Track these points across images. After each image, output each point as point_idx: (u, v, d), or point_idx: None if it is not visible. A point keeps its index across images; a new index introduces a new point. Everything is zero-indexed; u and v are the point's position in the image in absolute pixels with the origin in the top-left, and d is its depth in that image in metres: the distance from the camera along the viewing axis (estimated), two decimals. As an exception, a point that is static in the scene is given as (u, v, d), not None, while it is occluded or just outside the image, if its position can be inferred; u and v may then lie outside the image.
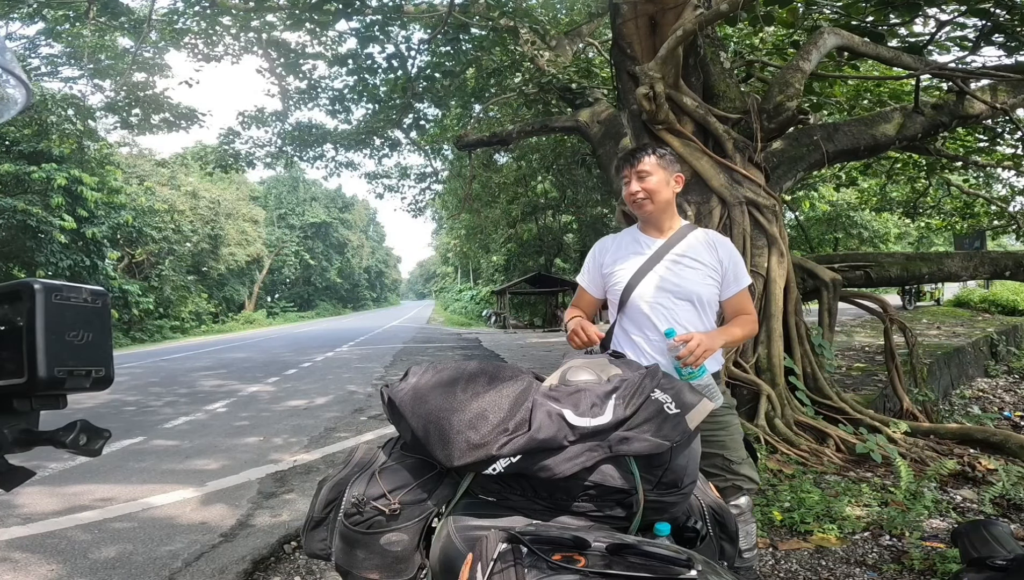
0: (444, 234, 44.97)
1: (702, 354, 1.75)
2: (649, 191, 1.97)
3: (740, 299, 2.03)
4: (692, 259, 1.99)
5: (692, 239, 2.02)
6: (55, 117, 13.53)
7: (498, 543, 0.84)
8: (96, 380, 0.68)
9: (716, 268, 1.99)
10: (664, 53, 3.88)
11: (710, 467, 2.05)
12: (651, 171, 1.97)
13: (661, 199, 1.98)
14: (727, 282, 2.02)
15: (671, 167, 2.00)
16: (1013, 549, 0.92)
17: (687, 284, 1.96)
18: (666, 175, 1.98)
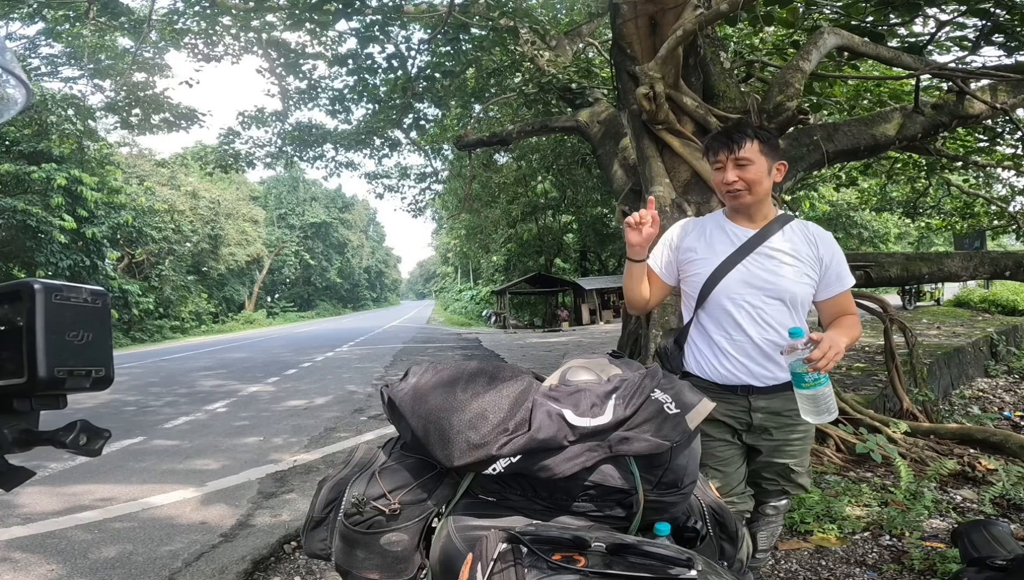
0: (444, 234, 44.98)
1: (834, 357, 1.53)
2: (749, 182, 1.73)
3: (843, 300, 1.82)
4: (788, 254, 1.77)
5: (789, 232, 1.81)
6: (55, 117, 13.53)
7: (498, 543, 0.84)
8: (96, 380, 0.68)
9: (814, 266, 1.79)
10: (664, 53, 3.88)
11: (768, 473, 1.93)
12: (753, 159, 1.72)
13: (761, 190, 1.76)
14: (827, 281, 1.81)
15: (774, 154, 1.77)
16: (1013, 549, 0.92)
17: (781, 281, 1.75)
18: (769, 163, 1.75)
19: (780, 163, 1.78)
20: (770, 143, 1.75)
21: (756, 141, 1.73)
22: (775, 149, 1.77)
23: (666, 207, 4.32)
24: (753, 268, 1.77)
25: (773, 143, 1.76)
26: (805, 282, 1.78)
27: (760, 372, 1.80)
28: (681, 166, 4.55)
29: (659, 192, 4.36)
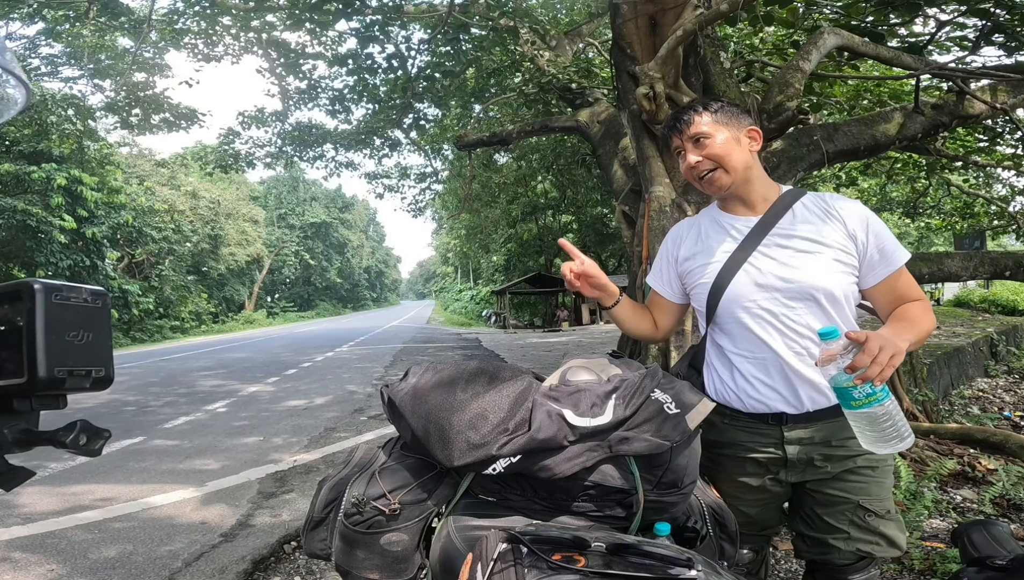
0: (444, 234, 45.01)
1: (889, 361, 1.13)
2: (716, 157, 1.43)
3: (897, 283, 1.40)
4: (806, 238, 1.40)
5: (803, 210, 1.44)
6: (55, 117, 13.53)
7: (498, 543, 0.84)
8: (96, 380, 0.68)
9: (846, 246, 1.39)
10: (664, 53, 3.88)
11: (833, 520, 1.45)
12: (709, 132, 1.43)
13: (736, 164, 1.43)
14: (870, 263, 1.39)
15: (736, 121, 1.46)
16: (1013, 549, 0.92)
17: (803, 275, 1.38)
18: (732, 132, 1.45)
19: (750, 129, 1.47)
20: (724, 110, 1.46)
21: (705, 112, 1.45)
22: (735, 116, 1.47)
23: (666, 207, 4.33)
24: (763, 264, 1.41)
25: (729, 110, 1.47)
26: (837, 271, 1.38)
27: (796, 395, 1.41)
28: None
29: (659, 192, 4.36)
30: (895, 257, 1.40)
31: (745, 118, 1.49)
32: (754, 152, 1.48)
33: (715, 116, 1.46)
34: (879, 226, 1.42)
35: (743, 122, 1.48)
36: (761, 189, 1.49)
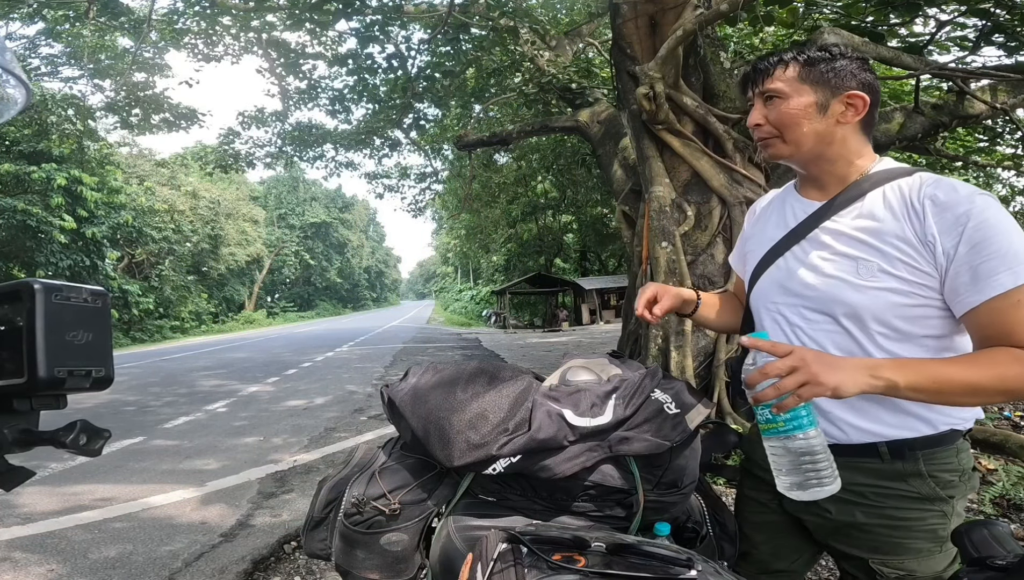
0: (444, 234, 45.02)
1: (794, 388, 0.91)
2: (779, 124, 1.16)
3: (992, 316, 0.99)
4: (853, 238, 1.11)
5: (875, 200, 1.11)
6: (55, 117, 13.54)
7: (498, 543, 0.84)
8: (96, 380, 0.68)
9: (910, 254, 1.04)
10: (664, 53, 3.88)
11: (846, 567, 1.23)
12: (786, 91, 1.14)
13: (802, 136, 1.14)
14: (953, 284, 1.02)
15: (837, 81, 1.13)
16: (1013, 549, 0.92)
17: (827, 284, 1.12)
18: (816, 96, 1.13)
19: (850, 93, 1.12)
20: (821, 66, 1.13)
21: (793, 64, 1.15)
22: (837, 75, 1.13)
23: (666, 207, 4.33)
24: (793, 264, 1.18)
25: (831, 67, 1.13)
26: (876, 285, 1.06)
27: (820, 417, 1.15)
28: (681, 166, 4.55)
29: (659, 192, 4.36)
30: (991, 282, 0.97)
31: (853, 80, 1.13)
32: (848, 123, 1.14)
33: (804, 72, 1.14)
34: (984, 233, 0.99)
35: (846, 83, 1.13)
36: (841, 169, 1.17)
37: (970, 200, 1.01)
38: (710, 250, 4.46)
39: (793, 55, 1.17)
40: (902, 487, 1.11)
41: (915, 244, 1.04)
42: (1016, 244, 0.97)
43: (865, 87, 1.14)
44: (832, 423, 1.14)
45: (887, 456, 1.11)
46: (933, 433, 1.10)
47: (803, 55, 1.16)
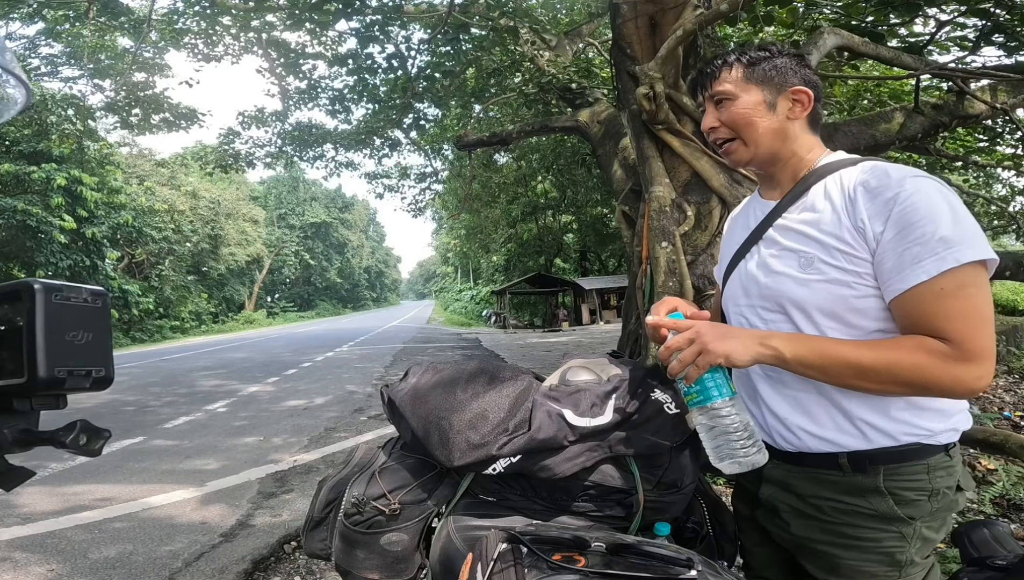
0: (444, 234, 45.03)
1: (693, 358, 0.98)
2: (734, 125, 1.15)
3: (915, 305, 0.96)
4: (797, 232, 1.10)
5: (819, 191, 1.10)
6: (55, 117, 13.55)
7: (498, 543, 0.84)
8: (96, 380, 0.68)
9: (846, 242, 1.02)
10: (664, 53, 3.88)
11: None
12: (734, 92, 1.15)
13: (758, 136, 1.14)
14: (881, 267, 0.99)
15: (781, 78, 1.14)
16: (1013, 549, 0.92)
17: (776, 281, 1.11)
18: (763, 94, 1.14)
19: (795, 89, 1.14)
20: (764, 65, 1.15)
21: (737, 65, 1.16)
22: (780, 72, 1.14)
23: (666, 207, 4.33)
24: (751, 265, 1.18)
25: (773, 64, 1.15)
26: (818, 278, 1.04)
27: (772, 426, 1.14)
28: (681, 166, 4.55)
29: (659, 192, 4.36)
30: (915, 270, 0.94)
31: (795, 76, 1.15)
32: (797, 118, 1.15)
33: (748, 71, 1.15)
34: (910, 218, 0.95)
35: (789, 80, 1.14)
36: (794, 165, 1.16)
37: (900, 184, 0.98)
38: (710, 250, 4.46)
39: (736, 56, 1.18)
40: (860, 504, 1.05)
41: (851, 232, 1.02)
42: (943, 229, 0.93)
43: (807, 83, 1.16)
44: (788, 429, 1.11)
45: (848, 468, 1.05)
46: (894, 446, 1.04)
47: (745, 56, 1.17)
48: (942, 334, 0.94)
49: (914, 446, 1.04)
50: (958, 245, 0.92)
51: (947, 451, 1.06)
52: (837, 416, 1.06)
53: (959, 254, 0.92)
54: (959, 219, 0.94)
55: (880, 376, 0.96)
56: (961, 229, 0.93)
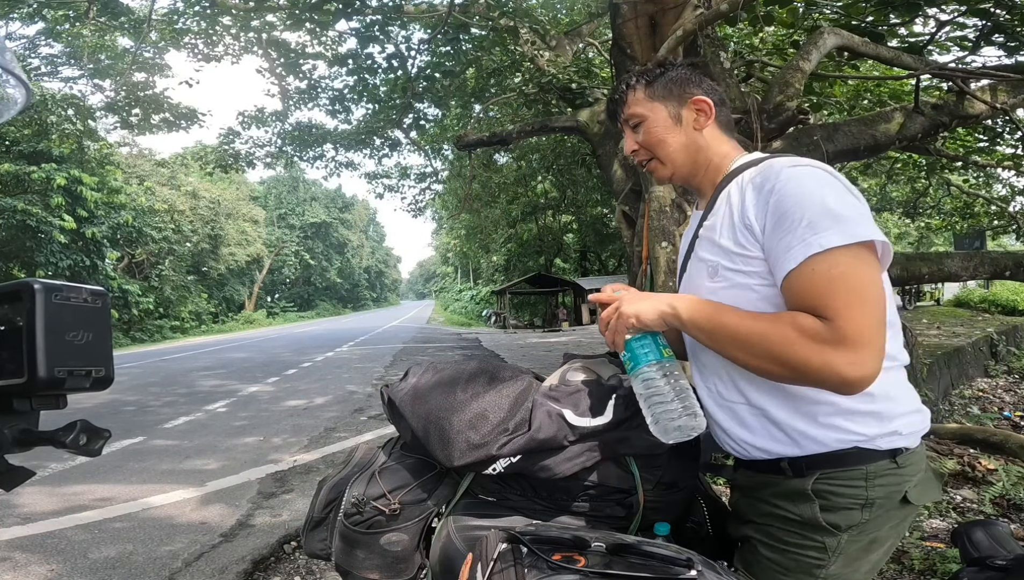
0: (444, 234, 45.03)
1: (613, 323, 1.04)
2: (649, 145, 1.17)
3: (790, 289, 0.95)
4: (707, 240, 1.10)
5: (721, 198, 1.10)
6: (55, 117, 13.54)
7: (498, 543, 0.84)
8: (96, 380, 0.68)
9: (739, 243, 1.02)
10: (664, 53, 3.88)
11: None
12: (642, 113, 1.17)
13: (672, 152, 1.16)
14: (769, 260, 0.99)
15: (680, 90, 1.16)
16: (1013, 549, 0.92)
17: (694, 294, 1.09)
18: (667, 109, 1.16)
19: (695, 99, 1.15)
20: (661, 81, 1.16)
21: (638, 87, 1.18)
22: (678, 85, 1.16)
23: (666, 207, 4.33)
24: (684, 279, 1.21)
25: (669, 78, 1.17)
26: (724, 284, 1.04)
27: (723, 439, 1.14)
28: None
29: (659, 192, 4.36)
30: (787, 257, 0.93)
31: (692, 86, 1.16)
32: (703, 128, 1.15)
33: (649, 90, 1.17)
34: (783, 206, 0.95)
35: (688, 91, 1.15)
36: (712, 174, 1.16)
37: (777, 175, 0.99)
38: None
39: (635, 78, 1.20)
40: (789, 507, 1.03)
41: (744, 232, 1.01)
42: (811, 213, 0.92)
43: (704, 92, 1.17)
44: (735, 441, 1.10)
45: (788, 472, 1.03)
46: (824, 451, 0.99)
47: (643, 76, 1.19)
48: (818, 312, 0.91)
49: (850, 450, 0.99)
50: (825, 230, 0.91)
51: (893, 458, 0.99)
52: (768, 426, 1.04)
53: (824, 239, 0.90)
54: (830, 204, 0.93)
55: (754, 348, 0.95)
56: (832, 214, 0.92)
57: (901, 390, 1.03)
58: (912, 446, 1.02)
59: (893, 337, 1.00)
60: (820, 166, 1.00)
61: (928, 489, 1.04)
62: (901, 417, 1.01)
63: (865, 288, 0.91)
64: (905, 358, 1.04)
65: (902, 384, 1.04)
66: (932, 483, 1.06)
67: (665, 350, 1.04)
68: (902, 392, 1.03)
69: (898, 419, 1.00)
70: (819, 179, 0.96)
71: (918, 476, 1.02)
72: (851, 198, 0.96)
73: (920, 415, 1.04)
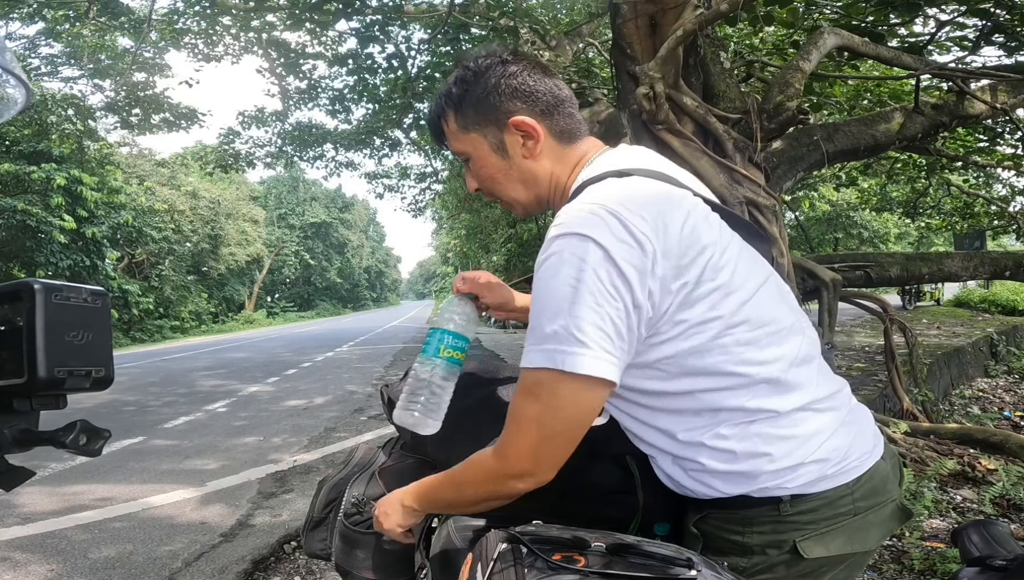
0: (444, 234, 44.96)
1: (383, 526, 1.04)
2: (483, 187, 1.06)
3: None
4: None
5: None
6: (55, 117, 13.55)
7: (498, 543, 0.84)
8: (96, 380, 0.68)
9: None
10: (664, 53, 3.88)
11: None
12: (465, 149, 1.02)
13: (511, 191, 1.02)
14: None
15: (491, 115, 0.96)
16: (1013, 549, 0.92)
17: None
18: (487, 138, 0.98)
19: (513, 120, 0.95)
20: (468, 103, 0.97)
21: (449, 115, 1.00)
22: (488, 106, 0.96)
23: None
24: None
25: (475, 98, 0.96)
26: None
27: None
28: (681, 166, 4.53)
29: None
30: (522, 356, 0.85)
31: (505, 101, 0.94)
32: (533, 155, 0.96)
33: (461, 119, 0.99)
34: (536, 291, 0.84)
35: (503, 111, 0.95)
36: (561, 202, 0.97)
37: (547, 245, 0.84)
38: (710, 250, 4.45)
39: (444, 101, 1.01)
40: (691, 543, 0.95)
41: None
42: (543, 319, 0.81)
43: (524, 104, 0.95)
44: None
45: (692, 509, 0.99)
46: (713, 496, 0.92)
47: (448, 100, 1.00)
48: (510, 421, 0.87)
49: (736, 496, 0.90)
50: (537, 346, 0.81)
51: (776, 505, 0.89)
52: (660, 471, 1.00)
53: (534, 357, 0.82)
54: (562, 309, 0.79)
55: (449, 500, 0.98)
56: (559, 324, 0.79)
57: (779, 446, 0.88)
58: (807, 492, 0.89)
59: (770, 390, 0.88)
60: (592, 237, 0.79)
61: (857, 539, 0.91)
62: (779, 473, 0.88)
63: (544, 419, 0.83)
64: (797, 402, 0.89)
65: (784, 438, 0.88)
66: (863, 532, 0.92)
67: (445, 350, 1.04)
68: (781, 448, 0.88)
69: (773, 476, 0.88)
70: (577, 265, 0.79)
71: (823, 526, 0.89)
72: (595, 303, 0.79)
73: (820, 465, 0.89)
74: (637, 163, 0.94)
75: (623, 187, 0.87)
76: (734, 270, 0.88)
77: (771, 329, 0.89)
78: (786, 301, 0.97)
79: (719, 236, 0.89)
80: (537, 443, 0.85)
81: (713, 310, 0.85)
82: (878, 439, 1.00)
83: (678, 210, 0.86)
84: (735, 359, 0.87)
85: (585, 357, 0.79)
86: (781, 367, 0.89)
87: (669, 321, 0.85)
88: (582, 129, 1.01)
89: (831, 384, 0.97)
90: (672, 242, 0.83)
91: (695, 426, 0.90)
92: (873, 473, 0.93)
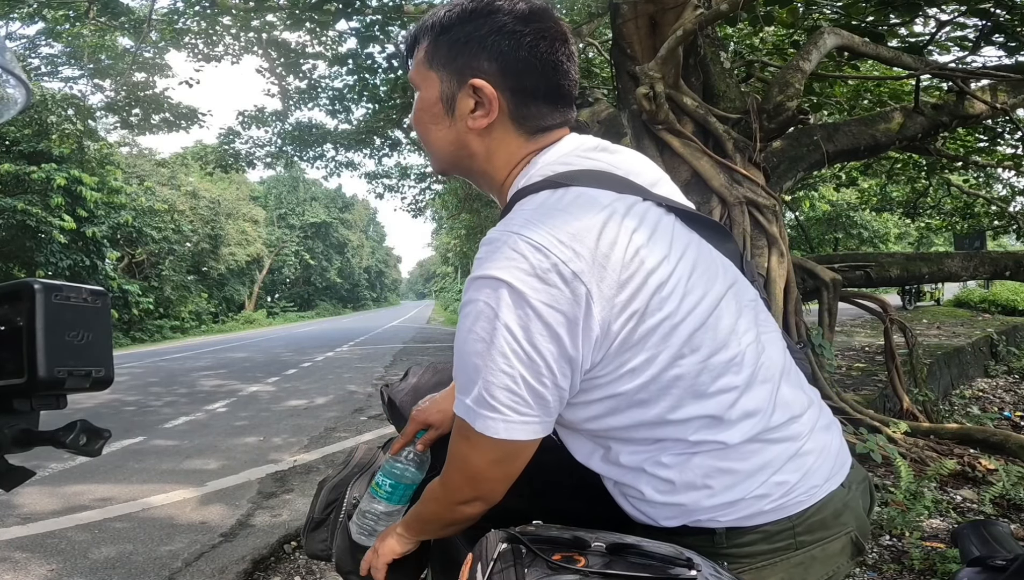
0: (444, 234, 44.97)
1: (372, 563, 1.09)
2: (414, 122, 0.93)
3: None
4: None
5: None
6: (55, 117, 13.55)
7: (498, 543, 0.84)
8: (96, 380, 0.68)
9: None
10: (664, 53, 3.88)
11: None
12: (416, 81, 0.91)
13: (431, 146, 0.91)
14: None
15: (460, 61, 0.85)
16: (1013, 549, 0.92)
17: None
18: (442, 84, 0.87)
19: (474, 83, 0.83)
20: (450, 36, 0.85)
21: (425, 40, 0.90)
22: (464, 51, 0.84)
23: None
24: None
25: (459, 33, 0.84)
26: None
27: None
28: (681, 166, 4.55)
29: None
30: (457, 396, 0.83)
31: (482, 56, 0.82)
32: (477, 128, 0.85)
33: (432, 49, 0.87)
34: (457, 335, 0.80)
35: (472, 65, 0.83)
36: (500, 191, 0.91)
37: (467, 287, 0.78)
38: (710, 250, 4.45)
39: (428, 25, 0.89)
40: None
41: None
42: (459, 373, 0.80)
43: (496, 66, 0.82)
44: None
45: None
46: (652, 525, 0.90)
47: (434, 27, 0.88)
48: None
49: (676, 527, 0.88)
50: (460, 394, 0.81)
51: (710, 535, 0.86)
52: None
53: (457, 405, 0.82)
54: (476, 369, 0.76)
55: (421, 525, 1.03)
56: (474, 385, 0.77)
57: (720, 479, 0.84)
58: (742, 526, 0.84)
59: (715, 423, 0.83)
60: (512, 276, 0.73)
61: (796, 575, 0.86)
62: (716, 508, 0.85)
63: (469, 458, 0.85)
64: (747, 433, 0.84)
65: (726, 471, 0.84)
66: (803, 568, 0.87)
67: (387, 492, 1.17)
68: (722, 481, 0.84)
69: (710, 510, 0.85)
70: (478, 326, 0.75)
71: (759, 560, 0.85)
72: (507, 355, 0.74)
73: (759, 500, 0.84)
74: (582, 163, 0.85)
75: (556, 205, 0.78)
76: (684, 294, 0.80)
77: (724, 356, 0.82)
78: (748, 313, 0.88)
79: (669, 250, 0.80)
80: (473, 476, 0.87)
81: (659, 346, 0.79)
82: (841, 465, 0.92)
83: (621, 231, 0.77)
84: (681, 395, 0.81)
85: (497, 422, 0.78)
86: (732, 398, 0.83)
87: (611, 362, 0.79)
88: (557, 126, 0.89)
89: (792, 406, 0.88)
90: (611, 275, 0.75)
91: (637, 451, 0.87)
92: (823, 505, 0.87)
